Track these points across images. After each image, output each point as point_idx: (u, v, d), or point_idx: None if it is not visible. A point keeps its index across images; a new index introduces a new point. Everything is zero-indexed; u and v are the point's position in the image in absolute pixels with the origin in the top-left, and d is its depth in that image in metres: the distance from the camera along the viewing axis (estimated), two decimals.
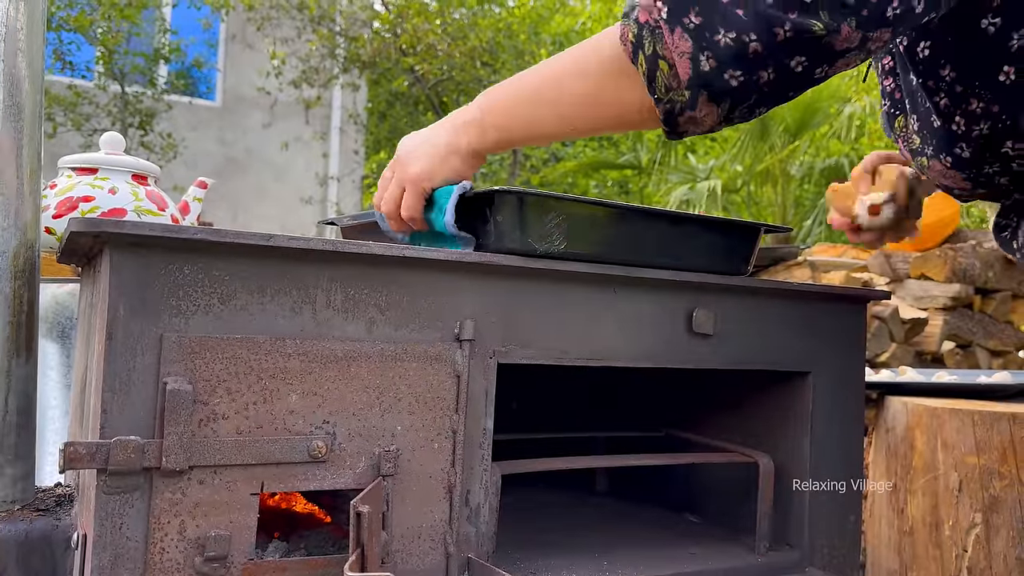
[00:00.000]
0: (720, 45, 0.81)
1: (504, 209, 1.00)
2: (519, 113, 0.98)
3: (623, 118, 0.93)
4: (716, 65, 0.81)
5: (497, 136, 1.00)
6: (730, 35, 0.80)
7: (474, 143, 1.01)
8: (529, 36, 8.80)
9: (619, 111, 0.91)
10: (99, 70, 7.35)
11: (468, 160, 1.03)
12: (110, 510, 0.80)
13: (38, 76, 1.06)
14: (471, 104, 1.03)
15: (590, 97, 0.91)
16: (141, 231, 0.80)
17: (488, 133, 1.00)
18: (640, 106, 0.88)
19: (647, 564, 1.13)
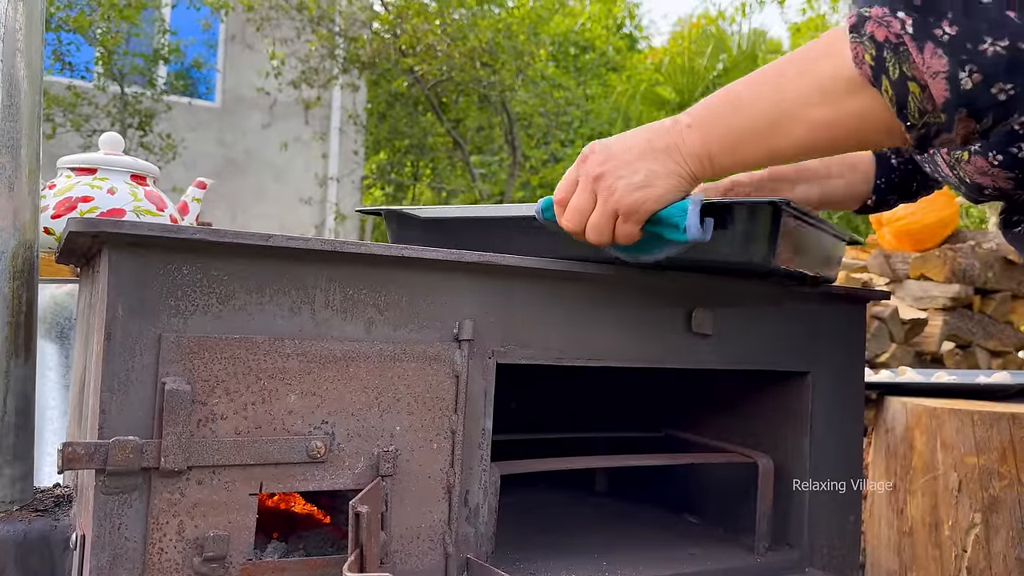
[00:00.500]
0: (987, 55, 0.72)
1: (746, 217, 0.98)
2: (751, 143, 0.89)
3: (867, 140, 0.87)
4: (981, 80, 0.73)
5: (725, 167, 0.92)
6: (1001, 43, 0.72)
7: (699, 173, 0.93)
8: (529, 36, 8.79)
9: (863, 135, 0.85)
10: (98, 71, 7.35)
11: (690, 183, 0.94)
12: (109, 510, 0.80)
13: (37, 76, 1.06)
14: (681, 126, 0.92)
15: (831, 124, 0.84)
16: (140, 231, 0.80)
17: (717, 163, 0.91)
18: (888, 129, 0.81)
19: (646, 564, 1.13)
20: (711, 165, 0.91)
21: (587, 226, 0.95)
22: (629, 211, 0.92)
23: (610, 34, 13.90)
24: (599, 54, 12.87)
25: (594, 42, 12.99)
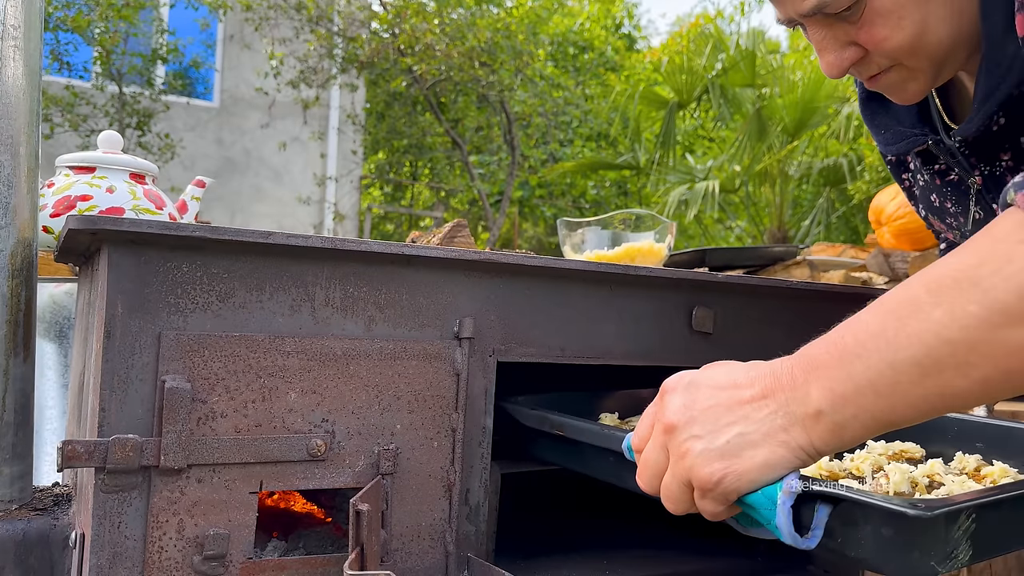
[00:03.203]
0: None
1: (888, 524, 0.66)
2: (903, 393, 0.64)
3: None
4: None
5: (865, 431, 0.67)
6: None
7: (820, 444, 0.68)
8: (527, 36, 8.79)
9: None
10: (96, 70, 7.34)
11: (801, 462, 0.69)
12: (108, 509, 0.80)
13: (35, 75, 1.05)
14: (793, 374, 0.69)
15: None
16: (139, 229, 0.80)
17: (848, 430, 0.67)
18: None
19: (646, 563, 1.13)
20: (842, 432, 0.66)
21: (661, 490, 0.75)
22: (704, 487, 0.70)
23: (609, 34, 13.90)
24: (598, 54, 12.88)
25: (593, 42, 12.99)
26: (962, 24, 0.92)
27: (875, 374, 0.65)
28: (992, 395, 0.64)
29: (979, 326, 0.61)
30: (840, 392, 0.66)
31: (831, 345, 0.68)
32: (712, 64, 7.61)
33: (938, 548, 0.65)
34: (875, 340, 0.65)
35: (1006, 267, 0.60)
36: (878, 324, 0.66)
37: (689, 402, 0.71)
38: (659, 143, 7.75)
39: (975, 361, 0.62)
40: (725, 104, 7.56)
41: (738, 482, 0.69)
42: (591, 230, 1.34)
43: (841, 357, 0.67)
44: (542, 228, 11.47)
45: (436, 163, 10.72)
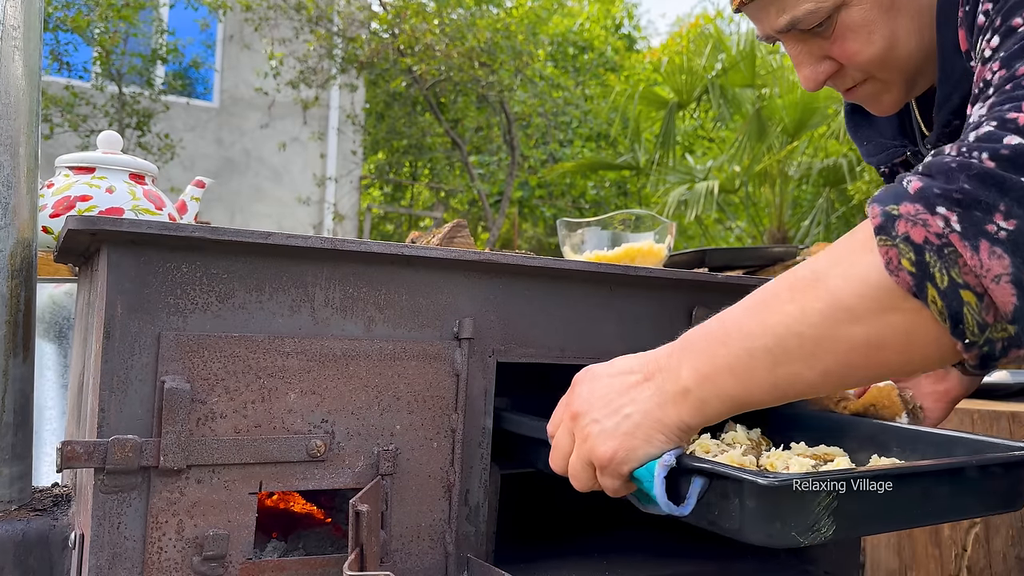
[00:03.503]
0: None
1: (751, 495, 0.74)
2: (758, 378, 0.72)
3: (917, 364, 0.70)
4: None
5: (723, 408, 0.75)
6: None
7: (688, 419, 0.76)
8: (527, 37, 8.79)
9: (908, 357, 0.68)
10: (96, 71, 7.34)
11: (679, 436, 0.77)
12: (108, 509, 0.80)
13: (35, 75, 1.05)
14: (671, 357, 0.77)
15: (865, 348, 0.68)
16: (139, 229, 0.80)
17: (709, 407, 0.75)
18: (939, 348, 0.66)
19: (646, 563, 1.13)
20: (705, 407, 0.75)
21: (568, 469, 0.83)
22: (601, 466, 0.78)
23: (608, 34, 13.91)
24: (597, 54, 12.88)
25: (592, 42, 13.00)
26: (931, 37, 0.95)
27: (734, 359, 0.73)
28: (836, 385, 0.72)
29: (823, 323, 0.68)
30: (704, 372, 0.74)
31: (704, 331, 0.76)
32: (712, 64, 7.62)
33: (799, 520, 0.73)
34: (738, 329, 0.73)
35: (850, 271, 0.67)
36: (743, 314, 0.74)
37: (591, 391, 0.80)
38: (659, 143, 7.75)
39: (819, 354, 0.69)
40: (725, 104, 7.56)
41: (627, 457, 0.77)
42: (591, 230, 1.34)
43: (709, 342, 0.75)
44: (542, 228, 11.47)
45: (436, 163, 10.72)
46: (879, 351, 0.67)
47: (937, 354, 0.67)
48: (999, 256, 0.61)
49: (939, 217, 0.63)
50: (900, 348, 0.67)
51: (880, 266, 0.65)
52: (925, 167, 0.67)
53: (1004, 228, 0.61)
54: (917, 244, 0.63)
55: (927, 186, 0.65)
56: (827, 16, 0.93)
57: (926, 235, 0.63)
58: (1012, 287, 0.61)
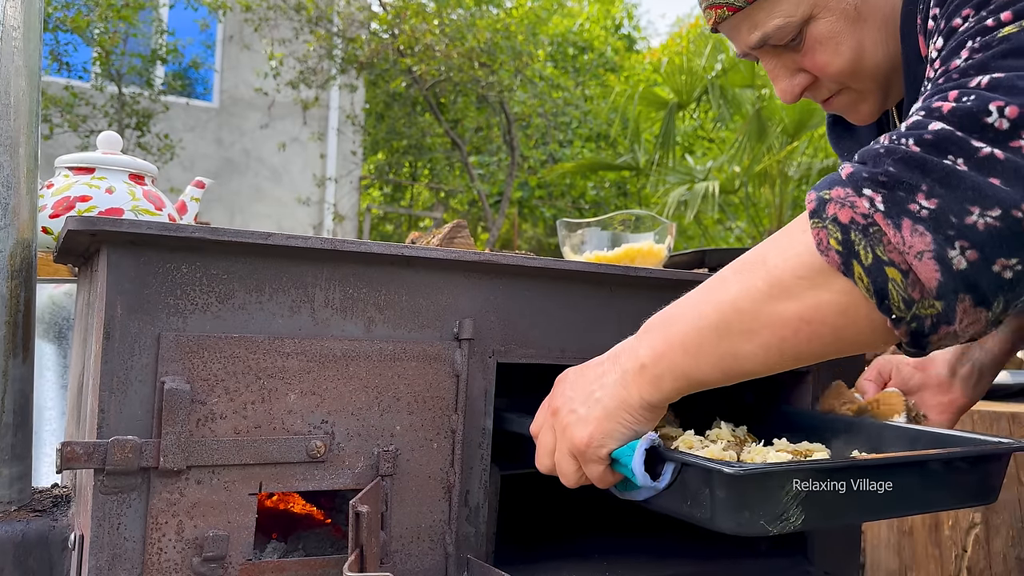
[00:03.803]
0: (979, 229, 0.63)
1: (721, 484, 0.77)
2: (706, 353, 0.76)
3: (851, 340, 0.72)
4: (979, 257, 0.63)
5: (677, 385, 0.79)
6: (991, 213, 0.63)
7: (647, 396, 0.80)
8: (527, 37, 8.79)
9: (841, 333, 0.71)
10: (96, 71, 7.34)
11: (643, 414, 0.81)
12: (108, 510, 0.80)
13: (35, 75, 1.05)
14: (635, 339, 0.82)
15: (798, 322, 0.71)
16: (139, 229, 0.80)
17: (664, 382, 0.79)
18: (871, 325, 0.69)
19: (646, 564, 1.13)
20: (660, 383, 0.78)
21: (556, 466, 0.86)
22: (581, 452, 0.82)
23: (608, 34, 13.91)
24: (597, 54, 12.88)
25: (592, 42, 13.00)
26: (898, 47, 0.97)
27: (683, 336, 0.77)
28: (776, 362, 0.75)
29: (761, 298, 0.72)
30: (658, 349, 0.79)
31: (663, 313, 0.81)
32: (712, 65, 7.62)
33: (767, 509, 0.76)
34: (690, 308, 0.78)
35: (787, 251, 0.72)
36: (696, 295, 0.79)
37: (568, 386, 0.85)
38: (659, 144, 7.75)
39: (757, 328, 0.73)
40: (725, 105, 7.56)
41: (603, 440, 0.81)
42: (591, 231, 1.34)
43: (664, 322, 0.80)
44: (541, 229, 11.47)
45: (435, 164, 10.72)
46: (811, 325, 0.71)
47: (869, 330, 0.70)
48: (921, 233, 0.64)
49: (865, 199, 0.66)
50: (832, 324, 0.70)
51: (812, 246, 0.69)
52: (859, 155, 0.71)
53: (926, 207, 0.64)
54: (843, 224, 0.67)
55: (856, 171, 0.69)
56: (797, 30, 0.97)
57: (852, 215, 0.67)
58: (935, 263, 0.64)
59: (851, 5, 0.96)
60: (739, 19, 0.99)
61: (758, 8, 0.97)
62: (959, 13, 0.77)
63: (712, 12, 1.00)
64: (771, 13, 0.96)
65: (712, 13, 1.01)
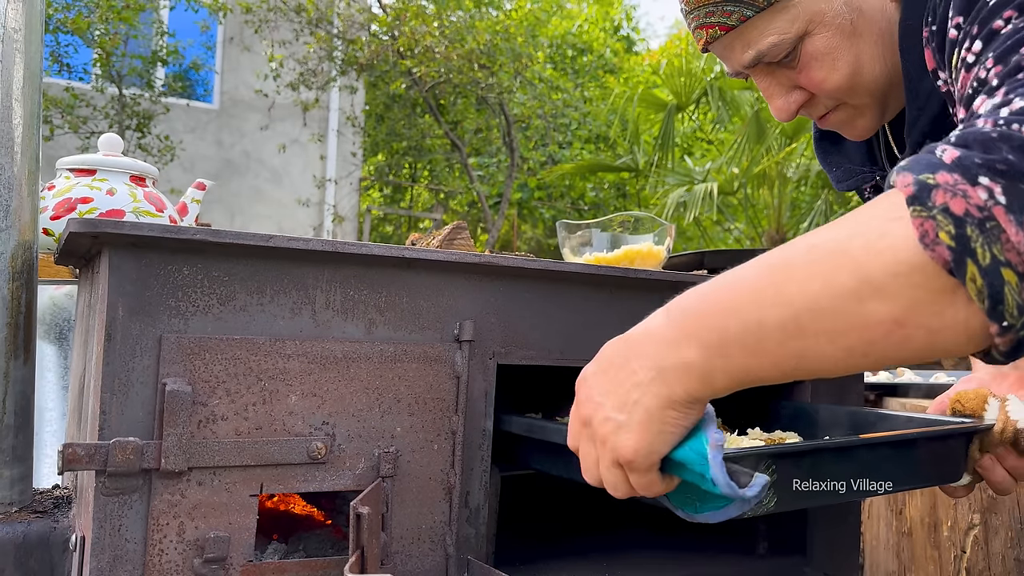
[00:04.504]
0: None
1: None
2: (770, 352, 0.66)
3: (944, 347, 0.64)
4: None
5: (731, 383, 0.70)
6: None
7: (695, 392, 0.70)
8: (526, 39, 8.80)
9: (934, 338, 0.63)
10: (96, 72, 7.34)
11: (690, 409, 0.72)
12: (109, 512, 0.80)
13: (36, 77, 1.06)
14: (668, 327, 0.71)
15: (891, 324, 0.62)
16: (140, 231, 0.80)
17: (717, 380, 0.69)
18: (968, 330, 0.61)
19: (647, 565, 1.13)
20: (711, 380, 0.69)
21: (602, 479, 0.77)
22: (628, 462, 0.73)
23: (607, 36, 13.92)
24: (597, 56, 12.89)
25: (592, 44, 13.01)
26: (896, 61, 0.97)
27: (743, 333, 0.66)
28: (856, 363, 0.66)
29: (848, 296, 0.62)
30: (710, 346, 0.68)
31: (705, 297, 0.70)
32: (711, 66, 7.62)
33: None
34: (747, 299, 0.67)
35: (877, 242, 0.61)
36: (755, 282, 0.67)
37: (591, 391, 0.75)
38: (658, 145, 7.75)
39: (842, 330, 0.63)
40: (724, 106, 7.56)
41: (652, 446, 0.71)
42: (590, 232, 1.34)
43: (715, 310, 0.69)
44: (541, 230, 11.47)
45: (435, 165, 10.72)
46: (904, 329, 0.62)
47: (965, 336, 0.62)
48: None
49: (981, 188, 0.58)
50: (928, 327, 0.62)
51: (913, 239, 0.59)
52: (958, 138, 0.63)
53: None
54: (957, 216, 0.58)
55: (966, 156, 0.60)
56: (791, 47, 0.96)
57: (967, 207, 0.58)
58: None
59: (847, 20, 0.95)
60: (731, 38, 0.98)
61: (751, 27, 0.96)
62: (999, 16, 0.75)
63: (703, 32, 0.99)
64: (764, 31, 0.95)
65: (703, 33, 0.99)
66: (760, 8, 0.95)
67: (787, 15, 0.95)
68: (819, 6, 0.95)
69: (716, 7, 0.96)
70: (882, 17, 0.96)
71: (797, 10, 0.95)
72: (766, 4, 0.94)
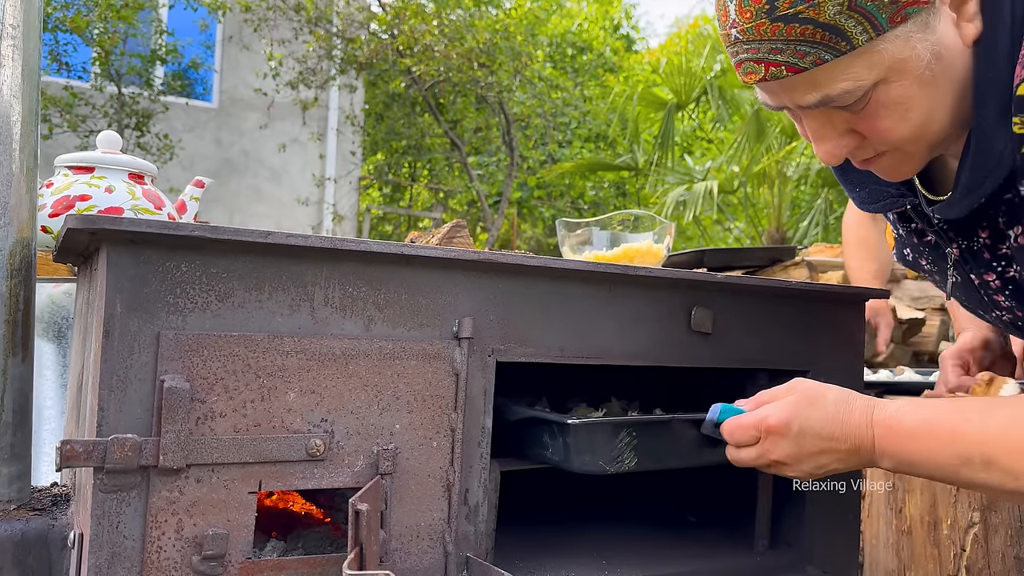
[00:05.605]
0: None
1: (569, 434, 1.01)
2: (934, 474, 0.92)
3: None
4: None
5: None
6: None
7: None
8: (526, 37, 8.79)
9: None
10: (95, 71, 7.33)
11: None
12: (107, 509, 0.80)
13: (35, 74, 1.05)
14: (874, 441, 0.93)
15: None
16: (138, 228, 0.80)
17: (881, 462, 0.95)
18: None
19: (646, 563, 1.13)
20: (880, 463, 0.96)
21: (739, 462, 1.00)
22: (778, 471, 0.99)
23: (607, 35, 13.91)
24: (596, 55, 12.88)
25: (591, 43, 13.00)
26: (963, 108, 0.92)
27: (917, 468, 0.92)
28: None
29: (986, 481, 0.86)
30: (895, 463, 0.94)
31: (904, 441, 0.91)
32: (711, 65, 7.62)
33: (604, 453, 1.00)
34: (926, 464, 0.91)
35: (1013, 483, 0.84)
36: (941, 460, 0.89)
37: (799, 449, 0.95)
38: (657, 144, 7.75)
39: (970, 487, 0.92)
40: (724, 105, 7.56)
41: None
42: (590, 231, 1.34)
43: (906, 452, 0.92)
44: (540, 229, 11.47)
45: (435, 164, 10.72)
46: None
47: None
48: None
49: None
50: None
51: None
52: None
53: None
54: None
55: None
56: (863, 94, 0.88)
57: None
58: None
59: (928, 69, 0.87)
60: (796, 79, 0.88)
61: (823, 70, 0.86)
62: None
63: (760, 67, 0.89)
64: (838, 76, 0.87)
65: (760, 69, 0.89)
66: (841, 53, 0.85)
67: (866, 60, 0.86)
68: (904, 53, 0.86)
69: (787, 45, 0.86)
70: (960, 64, 0.90)
71: (880, 56, 0.86)
72: (848, 48, 0.85)
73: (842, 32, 0.84)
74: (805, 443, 0.94)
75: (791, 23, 0.85)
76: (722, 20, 0.91)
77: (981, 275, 1.10)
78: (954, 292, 1.17)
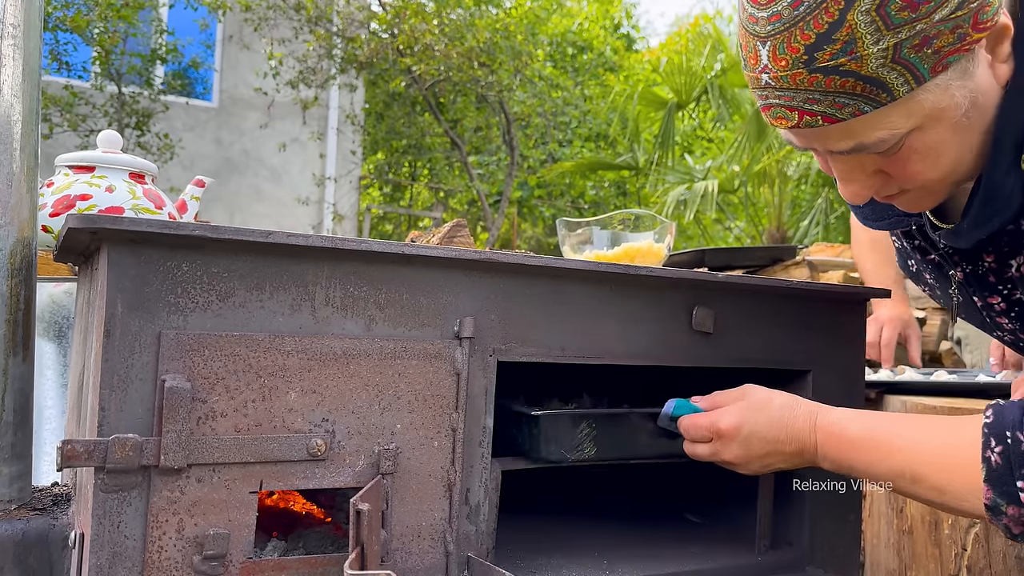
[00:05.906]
0: None
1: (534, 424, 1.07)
2: (866, 472, 0.99)
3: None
4: None
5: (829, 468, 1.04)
6: None
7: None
8: (526, 37, 8.78)
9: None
10: (96, 70, 7.33)
11: None
12: (108, 508, 0.80)
13: (35, 74, 1.05)
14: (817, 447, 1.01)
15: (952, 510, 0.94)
16: (139, 227, 0.80)
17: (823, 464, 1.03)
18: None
19: (647, 562, 1.13)
20: (817, 463, 1.03)
21: (695, 456, 1.09)
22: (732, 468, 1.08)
23: (607, 34, 13.90)
24: (596, 54, 12.88)
25: (591, 42, 13.00)
26: (985, 147, 0.91)
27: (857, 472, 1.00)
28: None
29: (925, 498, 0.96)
30: (836, 466, 1.02)
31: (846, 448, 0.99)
32: (711, 64, 7.62)
33: (566, 442, 1.06)
34: (864, 473, 0.99)
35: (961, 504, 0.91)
36: (877, 471, 0.97)
37: (747, 451, 1.04)
38: (658, 143, 7.75)
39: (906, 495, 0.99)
40: (724, 104, 7.56)
41: None
42: (590, 230, 1.34)
43: (847, 458, 1.00)
44: (541, 228, 11.47)
45: (435, 163, 10.72)
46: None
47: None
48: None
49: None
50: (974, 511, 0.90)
51: (982, 511, 0.87)
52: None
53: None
54: (1015, 534, 0.87)
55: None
56: (897, 140, 0.87)
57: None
58: None
59: (965, 116, 0.87)
60: (831, 128, 0.87)
61: (860, 119, 0.85)
62: None
63: (794, 115, 0.87)
64: (875, 125, 0.85)
65: (793, 116, 0.87)
66: (881, 104, 0.83)
67: (905, 110, 0.84)
68: (944, 103, 0.85)
69: (825, 96, 0.84)
70: (991, 106, 0.89)
71: (919, 106, 0.84)
72: (889, 100, 0.83)
73: (884, 84, 0.82)
74: (752, 446, 1.03)
75: (831, 75, 0.82)
76: (751, 63, 0.88)
77: (985, 298, 1.10)
78: (959, 311, 1.18)
